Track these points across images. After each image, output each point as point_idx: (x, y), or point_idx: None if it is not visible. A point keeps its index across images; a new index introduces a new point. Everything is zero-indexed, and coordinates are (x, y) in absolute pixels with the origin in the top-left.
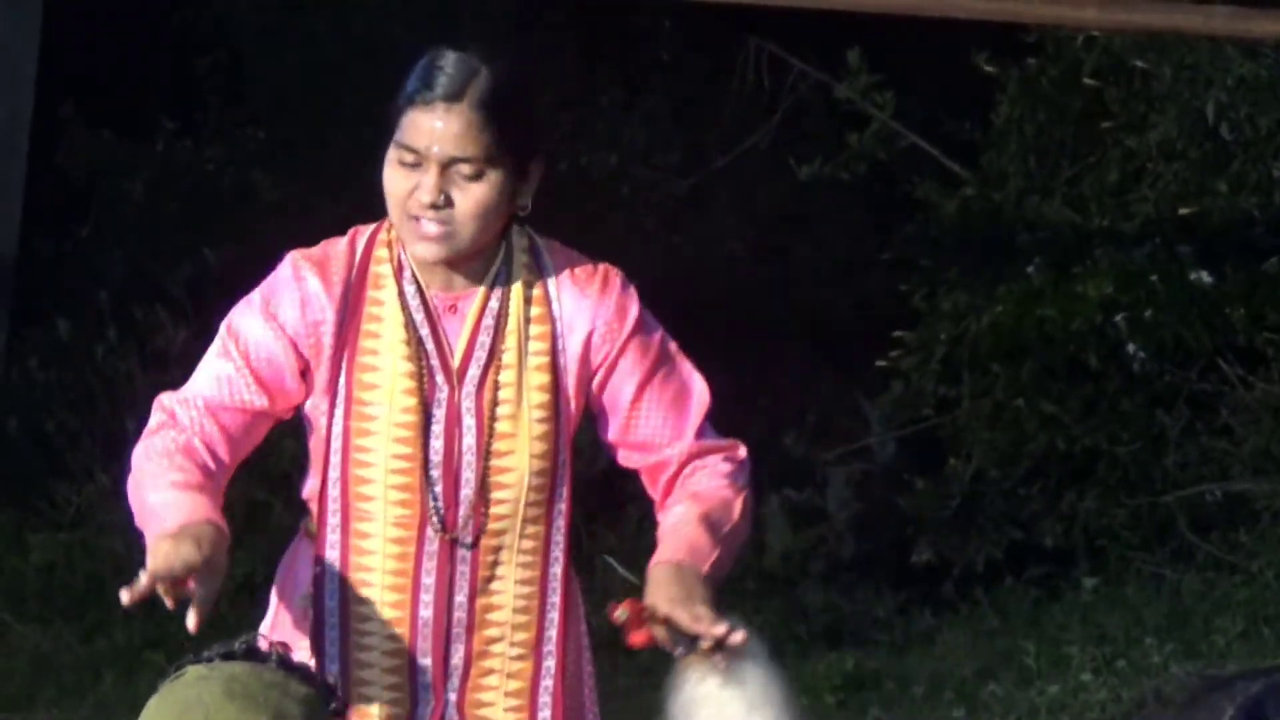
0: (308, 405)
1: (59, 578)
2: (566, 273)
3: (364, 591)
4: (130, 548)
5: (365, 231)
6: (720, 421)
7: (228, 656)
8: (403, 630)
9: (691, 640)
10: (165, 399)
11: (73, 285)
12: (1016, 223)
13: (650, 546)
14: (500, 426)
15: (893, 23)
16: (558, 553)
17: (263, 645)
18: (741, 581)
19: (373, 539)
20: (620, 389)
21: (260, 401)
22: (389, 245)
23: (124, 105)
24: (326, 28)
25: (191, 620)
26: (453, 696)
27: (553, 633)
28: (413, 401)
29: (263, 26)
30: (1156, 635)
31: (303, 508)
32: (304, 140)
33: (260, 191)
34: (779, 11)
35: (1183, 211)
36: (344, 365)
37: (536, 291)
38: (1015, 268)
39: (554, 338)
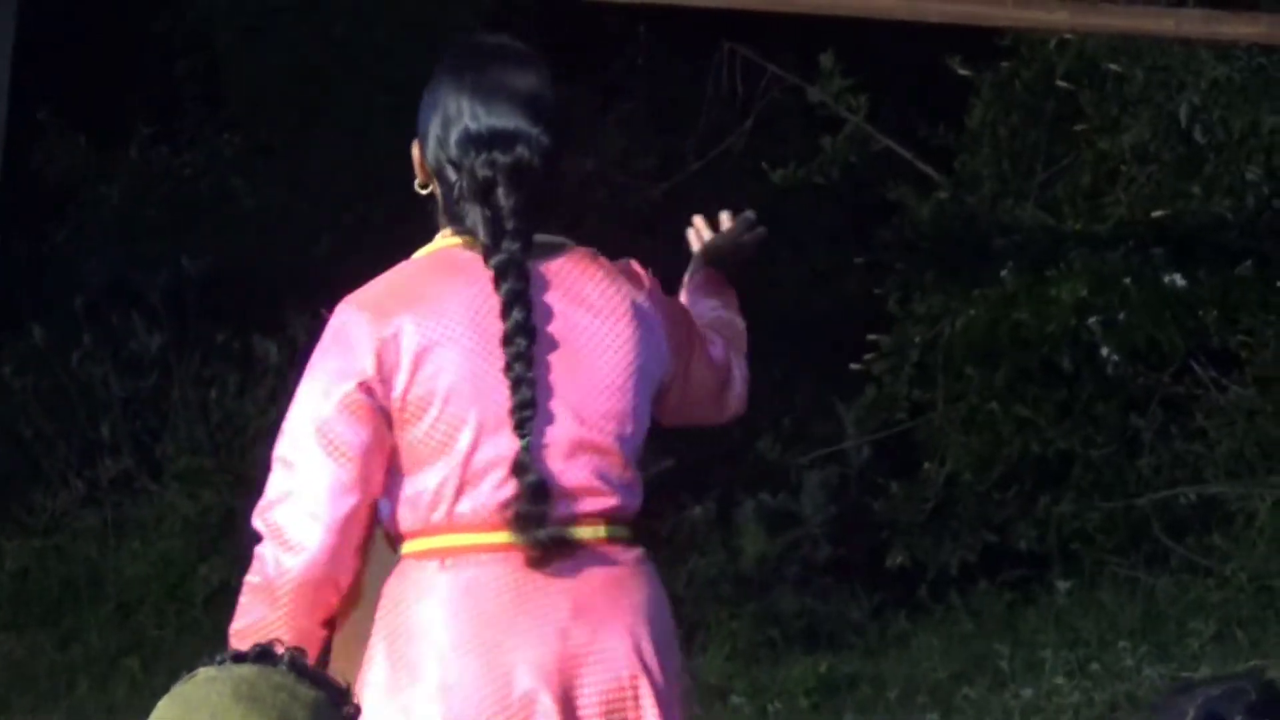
0: None
1: (34, 584)
2: None
3: None
4: (104, 553)
5: None
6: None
7: (239, 659)
8: None
9: None
10: None
11: (48, 291)
12: (990, 226)
13: None
14: None
15: (866, 26)
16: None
17: (277, 649)
18: (716, 585)
19: None
20: None
21: None
22: None
23: (101, 110)
24: (305, 34)
25: None
26: None
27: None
28: None
29: (241, 32)
30: (1130, 638)
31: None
32: (282, 146)
33: (238, 197)
34: (753, 16)
35: (1156, 214)
36: None
37: None
38: (989, 271)
39: None
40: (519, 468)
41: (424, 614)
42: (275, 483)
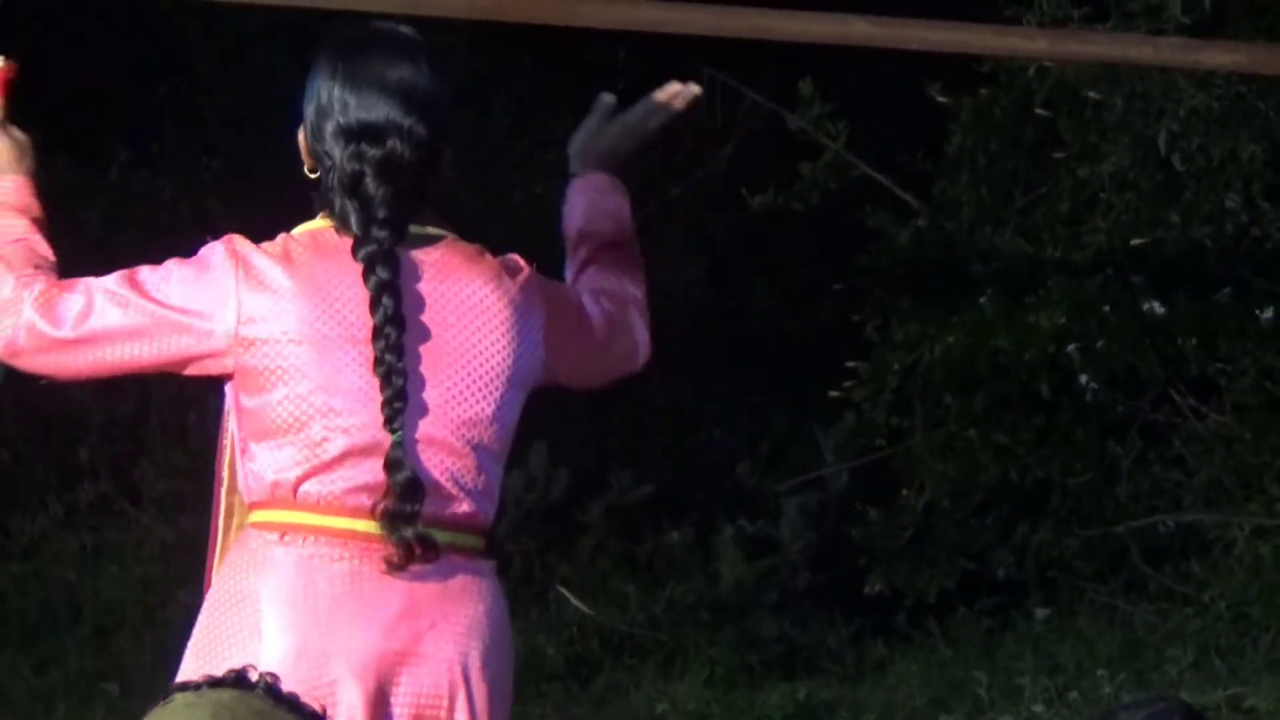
0: None
1: (12, 608)
2: None
3: None
4: (82, 577)
5: None
6: (674, 451)
7: (215, 684)
8: None
9: None
10: None
11: None
12: (969, 253)
13: (603, 576)
14: None
15: (845, 54)
16: None
17: (251, 675)
18: (694, 611)
19: None
20: None
21: None
22: None
23: (79, 133)
24: (283, 57)
25: None
26: None
27: None
28: None
29: (219, 55)
30: (1109, 666)
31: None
32: (260, 170)
33: (216, 221)
34: (732, 43)
35: (1135, 242)
36: None
37: None
38: (968, 298)
39: None
40: (392, 464)
41: (252, 584)
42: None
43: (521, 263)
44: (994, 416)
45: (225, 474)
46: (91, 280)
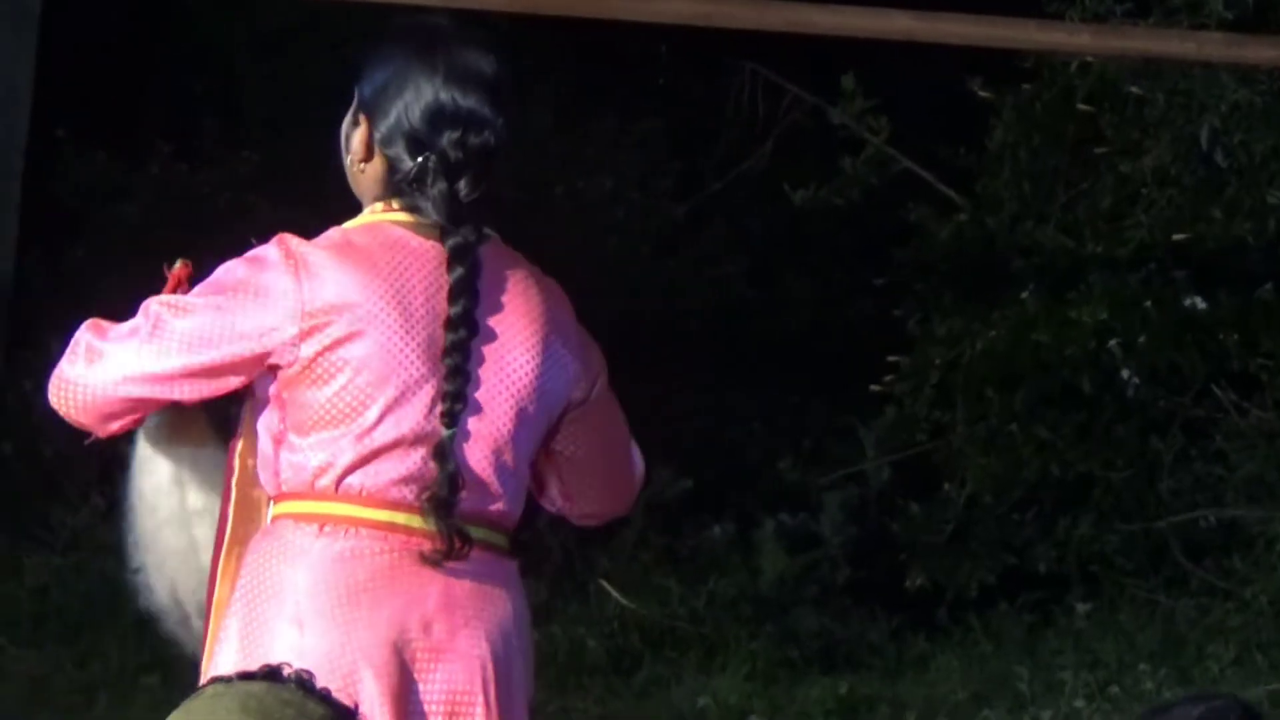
0: None
1: (54, 601)
2: None
3: None
4: (124, 570)
5: None
6: (715, 446)
7: (246, 677)
8: None
9: None
10: None
11: (67, 307)
12: (1010, 248)
13: (644, 570)
14: None
15: (887, 48)
16: None
17: (285, 671)
18: (735, 606)
19: None
20: None
21: None
22: None
23: (119, 128)
24: (320, 51)
25: None
26: None
27: None
28: None
29: (257, 50)
30: (1150, 661)
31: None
32: (299, 163)
33: (256, 214)
34: (773, 36)
35: (1177, 237)
36: None
37: None
38: (1009, 293)
39: None
40: (440, 455)
41: (289, 576)
42: (134, 332)
43: (562, 291)
44: (1035, 411)
45: (236, 463)
46: (145, 304)
